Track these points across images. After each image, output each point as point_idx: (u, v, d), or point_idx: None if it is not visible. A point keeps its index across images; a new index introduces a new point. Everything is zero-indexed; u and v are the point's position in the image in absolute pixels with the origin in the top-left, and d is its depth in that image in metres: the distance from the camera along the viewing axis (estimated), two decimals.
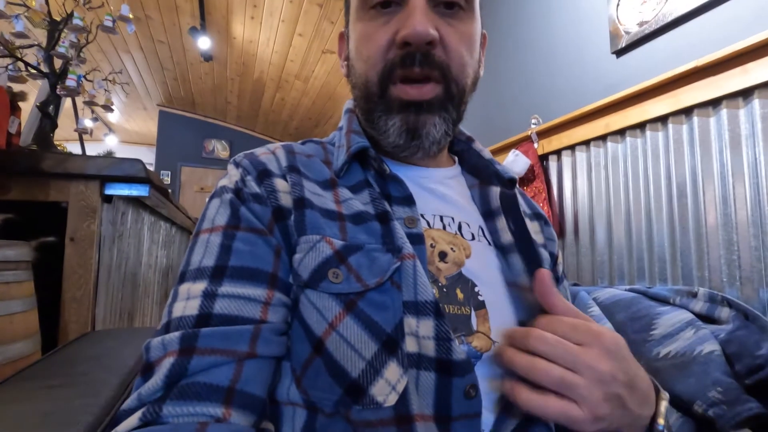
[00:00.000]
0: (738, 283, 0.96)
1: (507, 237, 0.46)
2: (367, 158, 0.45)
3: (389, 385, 0.34)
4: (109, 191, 1.37)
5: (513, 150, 1.61)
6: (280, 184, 0.42)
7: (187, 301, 0.36)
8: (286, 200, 0.41)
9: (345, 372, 0.35)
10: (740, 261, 0.96)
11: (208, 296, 0.36)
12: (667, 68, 1.11)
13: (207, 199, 0.44)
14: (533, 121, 1.59)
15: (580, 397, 0.32)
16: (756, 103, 0.94)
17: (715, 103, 1.02)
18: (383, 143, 0.46)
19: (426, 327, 0.36)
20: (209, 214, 0.41)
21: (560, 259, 0.54)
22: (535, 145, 1.55)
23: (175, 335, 0.34)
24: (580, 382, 0.32)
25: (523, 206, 0.53)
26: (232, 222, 0.40)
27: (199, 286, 0.37)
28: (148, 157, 6.33)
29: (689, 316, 0.86)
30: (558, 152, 1.51)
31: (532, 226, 0.51)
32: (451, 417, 0.34)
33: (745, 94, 0.96)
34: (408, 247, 0.39)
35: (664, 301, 0.94)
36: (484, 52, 0.53)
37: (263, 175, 0.43)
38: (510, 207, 0.50)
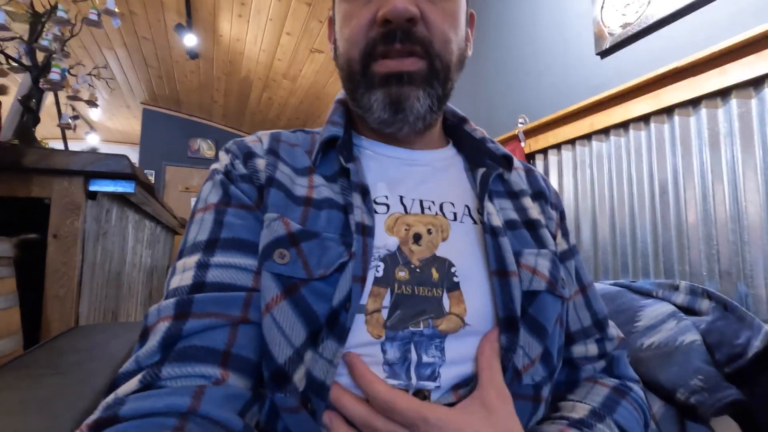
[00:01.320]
0: (717, 276, 1.00)
1: (497, 219, 0.44)
2: (341, 147, 0.45)
3: (306, 371, 0.35)
4: (93, 187, 1.34)
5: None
6: (261, 164, 0.44)
7: (183, 273, 0.38)
8: (264, 178, 0.43)
9: (272, 357, 0.35)
10: (719, 255, 0.99)
11: (202, 266, 0.37)
12: (649, 69, 1.14)
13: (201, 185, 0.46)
14: (520, 120, 1.61)
15: None
16: (734, 102, 0.97)
17: (695, 102, 1.06)
18: (369, 120, 0.46)
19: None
20: (203, 195, 0.43)
21: (560, 238, 0.51)
22: (522, 144, 1.57)
23: (170, 301, 0.35)
24: None
25: (522, 185, 0.52)
26: (223, 199, 0.42)
27: (194, 259, 0.38)
28: (131, 156, 6.19)
29: (671, 308, 0.88)
30: (544, 151, 1.54)
31: (531, 206, 0.49)
32: None
33: (723, 94, 1.00)
34: (357, 244, 0.38)
35: (647, 294, 0.96)
36: (473, 32, 0.53)
37: (248, 156, 0.45)
38: (502, 186, 0.49)
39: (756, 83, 0.94)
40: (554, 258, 0.45)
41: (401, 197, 0.45)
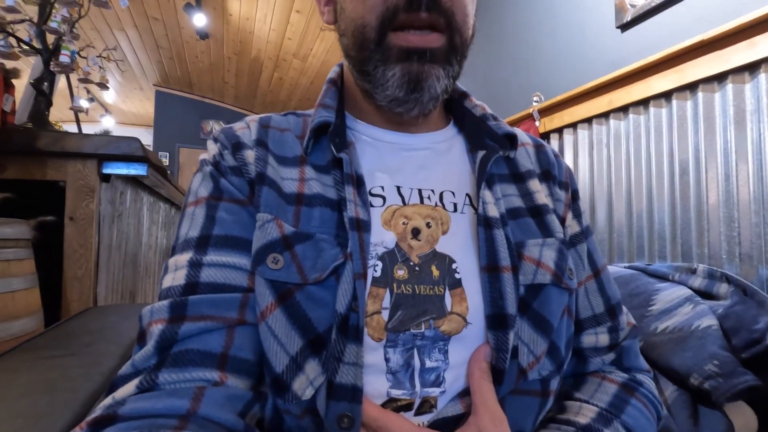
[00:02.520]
0: (737, 259, 0.96)
1: (493, 209, 0.41)
2: (332, 134, 0.42)
3: (308, 380, 0.34)
4: (107, 170, 1.36)
5: (514, 128, 1.59)
6: (250, 156, 0.42)
7: (176, 272, 0.37)
8: (253, 172, 0.41)
9: (270, 365, 0.34)
10: (740, 238, 0.96)
11: (194, 265, 0.36)
12: (672, 42, 1.09)
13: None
14: (535, 98, 1.57)
15: None
16: (762, 77, 0.92)
17: (720, 78, 1.01)
18: (378, 97, 0.42)
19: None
20: (193, 188, 0.42)
21: (570, 220, 0.47)
22: (537, 123, 1.53)
23: (164, 303, 0.34)
24: None
25: (529, 164, 0.48)
26: (214, 193, 0.40)
27: (186, 257, 0.37)
28: (146, 138, 6.27)
29: (688, 292, 0.86)
30: (560, 130, 1.49)
31: (539, 188, 0.46)
32: None
33: (752, 68, 0.95)
34: (353, 242, 0.36)
35: (663, 278, 0.94)
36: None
37: (237, 147, 0.42)
38: (507, 168, 0.46)
39: None
40: (561, 247, 0.42)
41: (398, 187, 0.42)
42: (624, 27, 1.29)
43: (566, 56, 1.53)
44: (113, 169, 1.37)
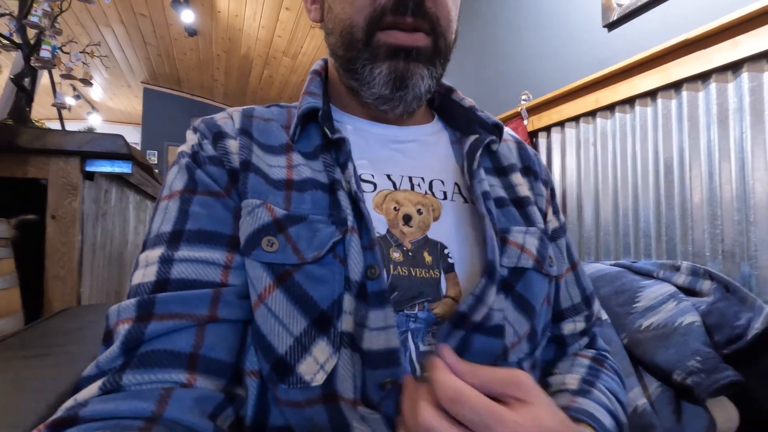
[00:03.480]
0: (720, 256, 0.98)
1: (479, 192, 0.42)
2: (323, 119, 0.43)
3: (317, 363, 0.33)
4: (90, 168, 1.33)
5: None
6: (232, 145, 0.41)
7: (146, 268, 0.36)
8: (236, 161, 0.40)
9: (272, 347, 0.34)
10: (723, 235, 0.97)
11: (165, 261, 0.35)
12: (658, 42, 1.10)
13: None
14: (523, 97, 1.57)
15: None
16: (745, 76, 0.93)
17: (704, 77, 1.02)
18: (365, 94, 0.43)
19: (355, 308, 0.35)
20: (168, 181, 0.41)
21: (551, 216, 0.50)
22: (525, 122, 1.53)
23: (131, 302, 0.33)
24: None
25: (512, 158, 0.50)
26: (189, 186, 0.39)
27: (157, 252, 0.36)
28: (134, 136, 6.19)
29: (672, 289, 0.87)
30: (548, 128, 1.50)
31: (521, 182, 0.48)
32: (373, 404, 0.33)
33: (735, 67, 0.96)
34: (351, 220, 0.37)
35: (647, 275, 0.95)
36: None
37: (218, 137, 0.42)
38: (491, 162, 0.48)
39: None
40: (542, 236, 0.45)
41: (388, 175, 0.43)
42: (610, 26, 1.30)
43: (554, 55, 1.54)
44: (97, 167, 1.34)
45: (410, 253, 0.39)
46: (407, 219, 0.40)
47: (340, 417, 0.33)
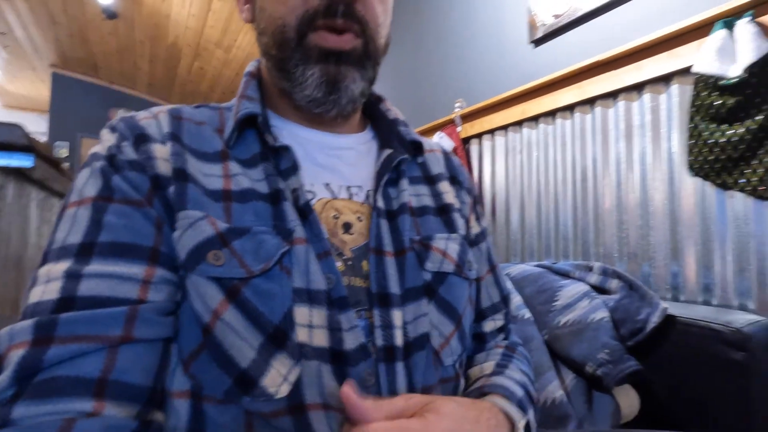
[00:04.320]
0: (626, 257, 1.08)
1: (396, 203, 0.44)
2: (264, 126, 0.42)
3: (281, 375, 0.33)
4: None
5: (438, 132, 1.64)
6: (159, 150, 0.38)
7: (47, 284, 0.32)
8: (165, 168, 0.37)
9: (234, 362, 0.33)
10: (628, 238, 1.08)
11: (72, 277, 0.31)
12: (576, 60, 1.19)
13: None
14: (457, 104, 1.63)
15: None
16: (647, 97, 1.05)
17: (614, 95, 1.12)
18: (297, 96, 0.43)
19: (319, 317, 0.35)
20: (77, 186, 0.36)
21: (473, 222, 0.54)
22: (459, 129, 1.59)
23: (27, 323, 0.29)
24: None
25: (440, 167, 0.53)
26: (103, 193, 0.35)
27: (61, 267, 0.32)
28: (39, 125, 5.53)
29: (586, 287, 0.95)
30: (479, 136, 1.57)
31: (448, 190, 0.51)
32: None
33: (638, 88, 1.07)
34: (300, 231, 0.37)
35: (565, 275, 1.03)
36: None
37: (141, 139, 0.38)
38: (420, 171, 0.50)
39: (666, 79, 1.01)
40: (463, 242, 0.48)
41: (327, 184, 0.43)
42: (536, 43, 1.40)
43: (486, 67, 1.62)
44: None
45: (350, 262, 0.39)
46: (347, 227, 0.41)
47: (307, 428, 0.33)
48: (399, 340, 0.37)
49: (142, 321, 0.32)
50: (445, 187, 0.51)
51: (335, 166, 0.45)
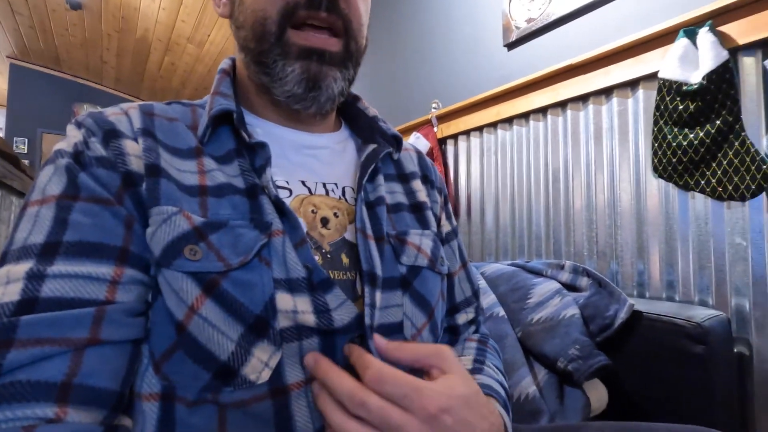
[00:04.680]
0: (595, 256, 1.12)
1: (373, 196, 0.46)
2: (240, 122, 0.42)
3: (261, 362, 0.33)
4: None
5: (414, 132, 1.65)
6: (131, 147, 0.37)
7: (6, 286, 0.30)
8: (137, 165, 0.36)
9: (213, 356, 0.33)
10: (598, 237, 1.12)
11: (34, 278, 0.30)
12: (549, 64, 1.23)
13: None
14: (434, 105, 1.65)
15: None
16: (614, 101, 1.08)
17: (584, 98, 1.16)
18: (276, 92, 0.43)
19: (303, 303, 0.36)
20: (40, 184, 0.35)
21: (444, 220, 0.56)
22: (435, 129, 1.61)
23: None
24: None
25: (413, 167, 0.55)
26: (68, 191, 0.34)
27: (23, 267, 0.31)
28: None
29: (557, 285, 0.97)
30: (455, 136, 1.59)
31: (420, 188, 0.53)
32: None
33: (607, 92, 1.11)
34: (277, 223, 0.37)
35: (538, 273, 1.05)
36: None
37: (110, 135, 0.37)
38: (394, 169, 0.52)
39: (632, 84, 1.05)
40: (435, 238, 0.50)
41: (303, 181, 0.44)
42: (510, 46, 1.43)
43: (462, 68, 1.64)
44: None
45: (329, 255, 0.40)
46: (325, 221, 0.42)
47: (285, 409, 0.34)
48: (376, 321, 0.38)
49: (110, 322, 0.31)
50: (418, 186, 0.53)
51: (310, 165, 0.45)
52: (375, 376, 0.30)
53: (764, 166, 0.82)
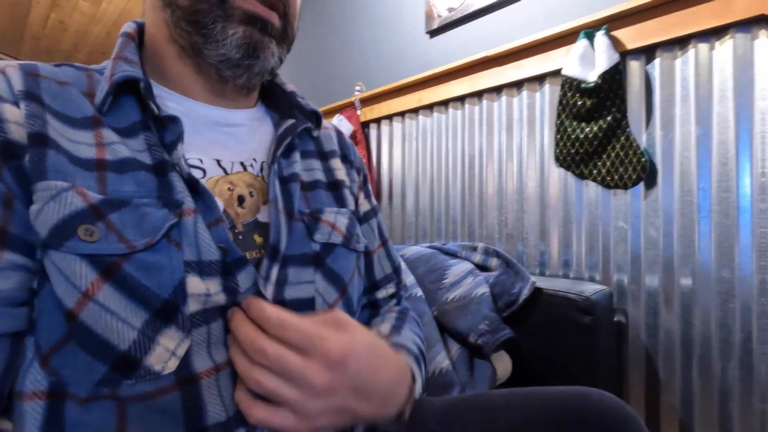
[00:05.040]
0: (504, 238, 1.21)
1: (287, 172, 0.45)
2: (148, 93, 0.38)
3: (167, 351, 0.31)
4: None
5: (338, 114, 1.63)
6: (10, 112, 0.32)
7: None
8: (18, 133, 0.32)
9: (111, 346, 0.30)
10: (507, 221, 1.20)
11: None
12: (467, 54, 1.27)
13: None
14: (357, 87, 1.63)
15: (295, 410, 0.31)
16: (524, 94, 1.16)
17: (498, 90, 1.23)
18: (211, 54, 0.40)
19: (215, 285, 0.34)
20: None
21: (362, 200, 0.57)
22: (358, 112, 1.60)
23: None
24: (293, 396, 0.31)
25: (333, 145, 0.55)
26: None
27: None
28: None
29: (470, 266, 1.03)
30: (378, 121, 1.59)
31: (339, 167, 0.53)
32: None
33: (518, 85, 1.18)
34: (189, 202, 0.35)
35: (453, 255, 1.11)
36: None
37: None
38: (314, 146, 0.51)
39: (540, 79, 1.13)
40: (352, 217, 0.50)
41: (218, 160, 0.42)
42: (432, 33, 1.45)
43: (385, 53, 1.64)
44: None
45: (240, 236, 0.39)
46: (241, 200, 0.41)
47: (196, 399, 0.32)
48: (269, 294, 0.37)
49: None
50: (337, 164, 0.52)
51: (226, 143, 0.43)
52: (277, 323, 0.31)
53: (643, 159, 0.94)
